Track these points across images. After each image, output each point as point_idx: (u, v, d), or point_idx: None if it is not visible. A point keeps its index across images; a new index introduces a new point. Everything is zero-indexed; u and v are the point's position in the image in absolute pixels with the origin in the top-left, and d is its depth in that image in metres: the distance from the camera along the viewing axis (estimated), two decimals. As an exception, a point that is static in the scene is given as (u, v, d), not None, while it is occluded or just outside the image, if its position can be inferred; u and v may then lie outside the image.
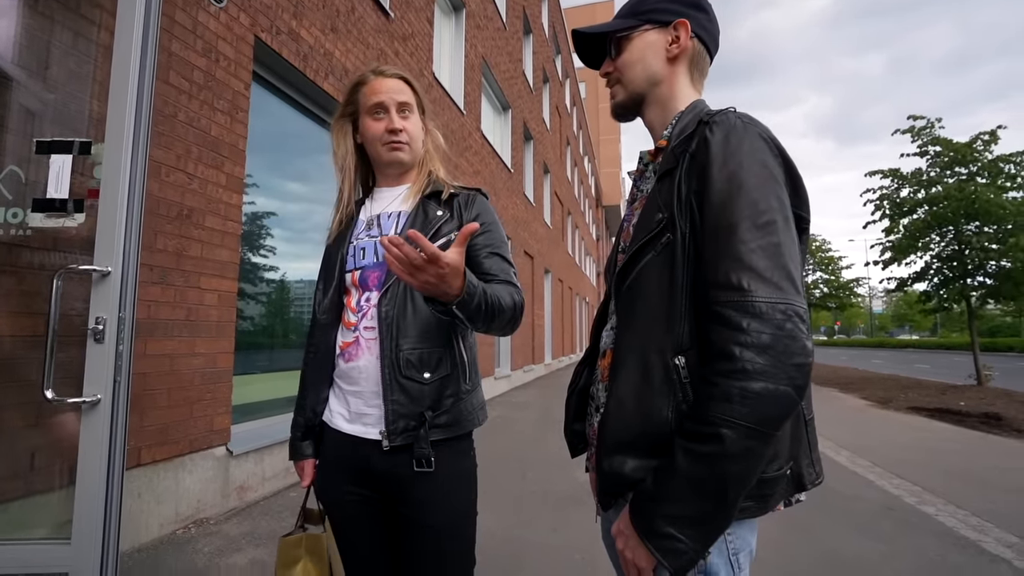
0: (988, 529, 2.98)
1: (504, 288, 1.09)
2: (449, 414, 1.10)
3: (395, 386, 1.07)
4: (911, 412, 7.67)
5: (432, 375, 1.09)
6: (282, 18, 3.78)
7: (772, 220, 0.69)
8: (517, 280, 1.17)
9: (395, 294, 1.12)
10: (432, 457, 1.06)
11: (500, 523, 2.94)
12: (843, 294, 20.37)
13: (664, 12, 0.89)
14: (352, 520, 1.15)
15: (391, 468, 1.08)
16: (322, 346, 1.22)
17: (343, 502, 1.14)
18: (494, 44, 10.00)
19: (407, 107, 1.23)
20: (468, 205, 1.20)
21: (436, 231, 1.14)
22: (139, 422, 2.58)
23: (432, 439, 1.07)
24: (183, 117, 2.89)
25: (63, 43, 2.09)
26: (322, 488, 1.19)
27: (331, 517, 1.17)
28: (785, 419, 0.65)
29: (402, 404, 1.07)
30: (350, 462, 1.13)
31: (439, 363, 1.10)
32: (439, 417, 1.08)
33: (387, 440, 1.07)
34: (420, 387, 1.08)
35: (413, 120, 1.24)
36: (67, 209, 1.62)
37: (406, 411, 1.07)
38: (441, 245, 1.10)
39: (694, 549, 0.66)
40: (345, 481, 1.14)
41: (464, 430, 1.13)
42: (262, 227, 4.10)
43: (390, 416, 1.07)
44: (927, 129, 11.02)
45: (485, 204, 1.24)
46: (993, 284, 10.33)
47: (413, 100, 1.24)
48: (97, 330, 1.48)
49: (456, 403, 1.11)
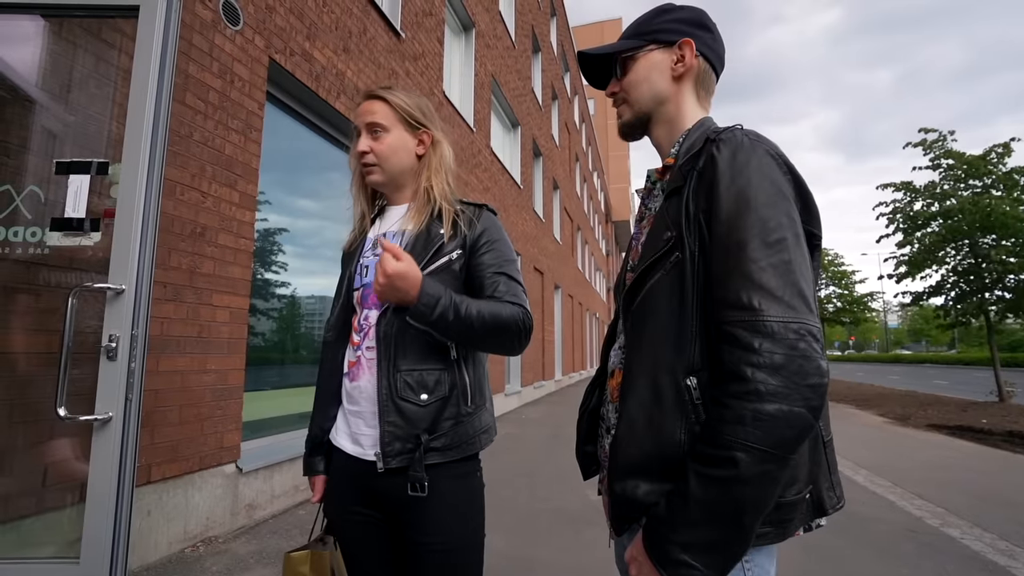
0: (1018, 554, 2.87)
1: (500, 305, 1.07)
2: (447, 437, 1.07)
3: (391, 407, 1.06)
4: (931, 430, 7.49)
5: (430, 397, 1.07)
6: (296, 40, 3.87)
7: (782, 237, 0.68)
8: (524, 299, 1.14)
9: (396, 314, 1.09)
10: (426, 482, 1.03)
11: (510, 542, 2.89)
12: (857, 309, 20.10)
13: (668, 32, 0.90)
14: (358, 539, 1.13)
15: (389, 490, 1.07)
16: (330, 364, 1.21)
17: (349, 522, 1.14)
18: (503, 62, 10.13)
19: (378, 127, 1.18)
20: (474, 222, 1.17)
21: (438, 249, 1.12)
22: (150, 439, 2.59)
23: (430, 462, 1.04)
24: (198, 137, 2.95)
25: (85, 67, 2.14)
26: (329, 506, 1.18)
27: (338, 535, 1.16)
28: (801, 441, 0.63)
29: (398, 426, 1.05)
30: (354, 482, 1.12)
31: (437, 385, 1.08)
32: (435, 440, 1.05)
33: (381, 462, 1.05)
34: (417, 409, 1.06)
35: (387, 139, 1.19)
36: (84, 228, 1.65)
37: (402, 433, 1.05)
38: (443, 264, 1.11)
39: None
40: (351, 501, 1.13)
41: (463, 454, 1.09)
42: (274, 244, 4.14)
43: (385, 438, 1.05)
44: (939, 142, 10.94)
45: (492, 220, 1.20)
46: (1012, 298, 10.13)
47: (389, 117, 1.19)
48: (110, 348, 1.49)
49: (455, 426, 1.08)
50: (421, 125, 1.22)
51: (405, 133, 1.21)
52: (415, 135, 1.22)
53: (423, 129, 1.23)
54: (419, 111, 1.23)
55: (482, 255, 1.14)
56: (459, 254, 1.13)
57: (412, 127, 1.21)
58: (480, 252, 1.14)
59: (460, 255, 1.13)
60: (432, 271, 1.10)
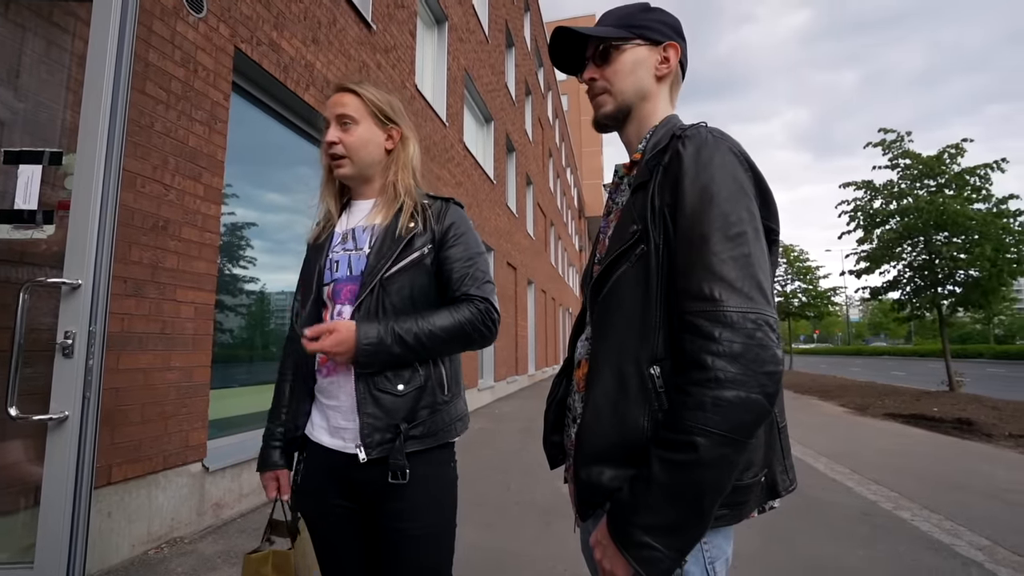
0: (961, 532, 3.04)
1: (452, 312, 1.11)
2: (424, 425, 1.09)
3: (369, 399, 1.08)
4: (887, 418, 7.82)
5: (406, 387, 1.09)
6: (263, 29, 3.77)
7: (742, 232, 0.71)
8: (489, 291, 1.16)
9: (368, 307, 1.11)
10: (407, 469, 1.06)
11: (482, 535, 2.91)
12: (821, 303, 20.79)
13: (657, 32, 0.91)
14: (337, 531, 1.14)
15: (369, 480, 1.08)
16: (301, 360, 1.21)
17: (328, 514, 1.14)
18: (476, 57, 10.08)
19: (347, 119, 1.19)
20: (441, 216, 1.19)
21: (408, 243, 1.14)
22: (110, 439, 2.51)
23: (408, 451, 1.07)
24: (160, 127, 2.85)
25: (35, 51, 2.05)
26: (307, 501, 1.18)
27: (315, 529, 1.17)
28: (757, 426, 0.66)
29: (377, 417, 1.07)
30: (333, 475, 1.13)
31: (413, 375, 1.10)
32: (414, 429, 1.08)
33: (363, 453, 1.07)
34: (394, 399, 1.08)
35: (357, 131, 1.19)
36: (36, 220, 1.59)
37: (381, 424, 1.07)
38: (414, 259, 1.13)
39: (671, 558, 0.66)
40: (330, 493, 1.13)
41: (441, 441, 1.12)
42: (242, 238, 4.04)
43: (365, 430, 1.07)
44: (897, 142, 11.37)
45: (459, 213, 1.22)
46: (962, 292, 10.63)
47: (359, 110, 1.20)
48: (66, 344, 1.44)
49: (432, 414, 1.11)
50: (391, 121, 1.23)
51: (375, 127, 1.21)
52: (384, 130, 1.23)
53: (392, 125, 1.23)
54: (389, 107, 1.23)
55: (449, 248, 1.16)
56: (429, 249, 1.15)
57: (382, 122, 1.22)
58: (448, 246, 1.17)
59: (430, 250, 1.15)
60: (402, 267, 1.12)
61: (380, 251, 1.13)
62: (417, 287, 1.14)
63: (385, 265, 1.12)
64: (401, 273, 1.12)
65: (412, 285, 1.13)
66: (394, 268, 1.12)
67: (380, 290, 1.12)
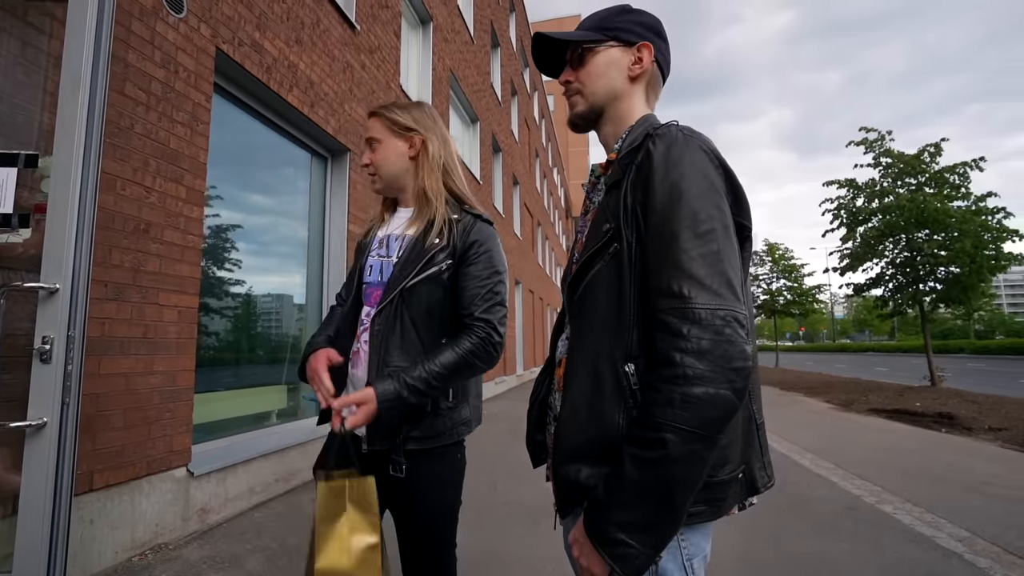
0: (942, 525, 3.10)
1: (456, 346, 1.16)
2: (425, 428, 1.18)
3: None
4: (871, 414, 7.94)
5: None
6: (245, 30, 3.73)
7: (712, 229, 0.71)
8: (497, 314, 1.22)
9: (387, 315, 1.21)
10: (404, 465, 1.16)
11: (469, 536, 2.90)
12: (806, 301, 21.06)
13: (630, 32, 0.92)
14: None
15: (375, 464, 1.18)
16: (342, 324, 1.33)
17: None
18: (462, 57, 10.07)
19: (373, 140, 1.32)
20: (466, 232, 1.25)
21: (429, 259, 1.21)
22: (92, 445, 2.47)
23: (410, 448, 1.17)
24: (140, 129, 2.81)
25: (10, 52, 2.02)
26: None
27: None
28: (726, 422, 0.67)
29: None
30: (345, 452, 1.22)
31: None
32: (415, 430, 1.17)
33: (366, 444, 1.18)
34: None
35: (381, 149, 1.31)
36: (11, 224, 1.56)
37: (386, 422, 1.15)
38: (433, 274, 1.21)
39: (645, 554, 0.67)
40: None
41: (440, 443, 1.20)
42: (226, 241, 4.00)
43: (371, 424, 1.14)
44: (879, 141, 11.56)
45: (484, 231, 1.27)
46: (943, 289, 10.84)
47: (381, 130, 1.31)
48: (44, 350, 1.42)
49: (434, 419, 1.19)
50: (409, 130, 1.31)
51: (396, 140, 1.32)
52: (406, 140, 1.32)
53: (413, 133, 1.31)
54: (409, 118, 1.32)
55: (468, 266, 1.23)
56: (448, 264, 1.22)
57: (401, 134, 1.32)
58: (467, 263, 1.24)
59: (449, 265, 1.23)
60: (422, 280, 1.21)
61: (405, 262, 1.23)
62: (435, 300, 1.22)
63: (407, 276, 1.21)
64: (420, 285, 1.21)
65: (430, 297, 1.21)
66: (414, 280, 1.20)
67: (399, 300, 1.21)
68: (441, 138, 1.34)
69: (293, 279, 4.90)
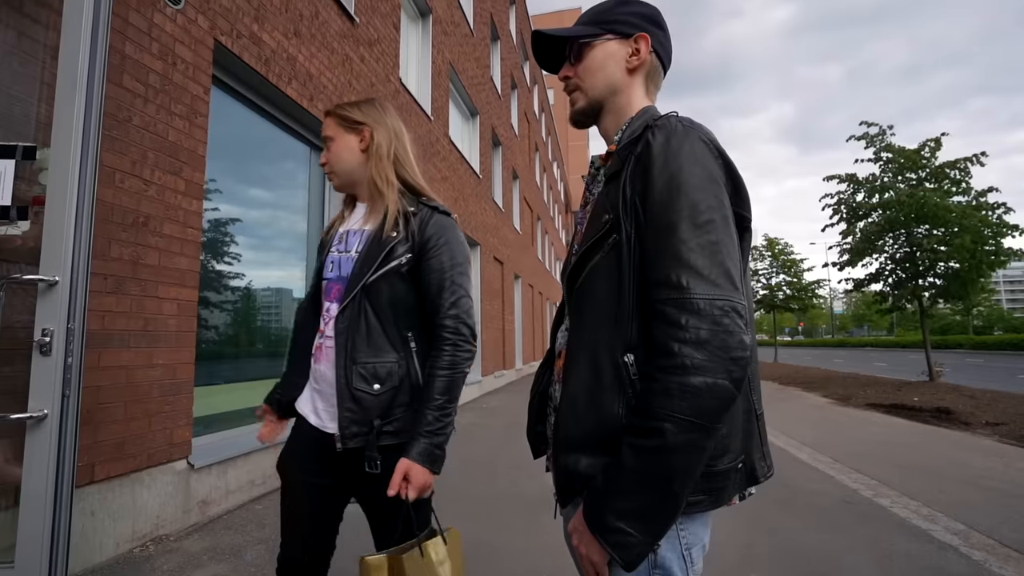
0: (938, 518, 3.12)
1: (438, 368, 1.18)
2: (399, 422, 1.19)
3: (347, 395, 1.18)
4: (869, 408, 7.97)
5: (382, 387, 1.19)
6: (243, 22, 3.71)
7: (711, 219, 0.71)
8: (463, 307, 1.23)
9: (351, 313, 1.21)
10: (379, 460, 1.16)
11: (469, 528, 2.91)
12: (805, 296, 21.07)
13: (626, 24, 0.91)
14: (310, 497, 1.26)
15: (348, 463, 1.20)
16: (302, 341, 1.37)
17: (305, 478, 1.26)
18: (461, 50, 10.02)
19: (327, 139, 1.34)
20: (424, 225, 1.26)
21: (388, 252, 1.23)
22: (92, 437, 2.48)
23: (383, 443, 1.17)
24: (138, 121, 2.80)
25: (6, 43, 2.00)
26: (290, 464, 1.29)
27: (291, 491, 1.29)
28: (724, 411, 0.67)
29: (354, 412, 1.17)
30: (316, 448, 1.24)
31: (389, 376, 1.20)
32: (388, 425, 1.18)
33: (340, 443, 1.18)
34: (371, 398, 1.18)
35: (334, 146, 1.33)
36: (10, 216, 1.56)
37: (358, 418, 1.17)
38: (392, 268, 1.22)
39: (644, 542, 0.67)
40: (307, 464, 1.26)
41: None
42: (225, 234, 3.99)
43: (343, 422, 1.17)
44: (879, 136, 11.52)
45: (442, 223, 1.28)
46: (942, 284, 10.84)
47: (333, 128, 1.33)
48: (43, 342, 1.42)
49: (408, 412, 1.20)
50: (358, 123, 1.32)
51: (348, 136, 1.32)
52: (356, 134, 1.32)
53: (362, 126, 1.32)
54: (357, 112, 1.33)
55: (429, 259, 1.24)
56: (408, 258, 1.24)
57: (351, 128, 1.33)
58: (428, 256, 1.24)
59: (409, 259, 1.24)
60: (382, 274, 1.22)
61: (365, 259, 1.24)
62: (397, 293, 1.23)
63: (368, 272, 1.22)
64: (381, 280, 1.22)
65: (391, 291, 1.23)
66: (375, 276, 1.21)
67: (362, 296, 1.22)
68: (392, 129, 1.34)
69: (293, 273, 4.89)
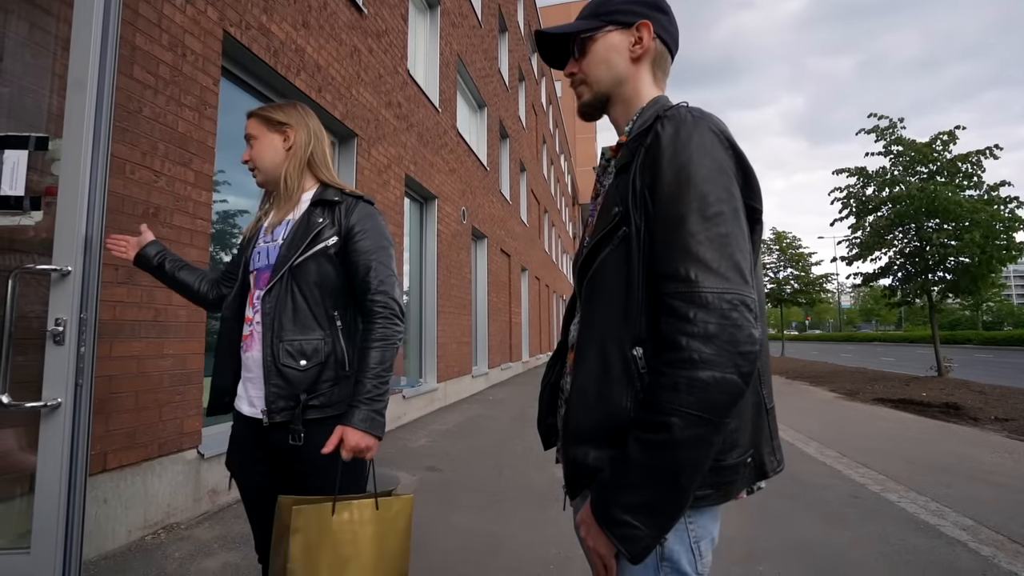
0: (946, 513, 3.11)
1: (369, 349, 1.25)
2: (324, 396, 1.27)
3: (274, 371, 1.25)
4: (877, 403, 7.93)
5: (308, 363, 1.26)
6: (252, 12, 3.71)
7: (720, 212, 0.71)
8: (391, 286, 1.31)
9: (278, 293, 1.29)
10: (302, 433, 1.23)
11: (477, 520, 2.94)
12: (813, 290, 20.93)
13: (626, 13, 0.90)
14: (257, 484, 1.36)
15: (276, 441, 1.27)
16: (228, 338, 1.41)
17: (251, 470, 1.36)
18: (469, 42, 9.96)
19: (251, 138, 1.41)
20: (349, 212, 1.34)
21: (316, 235, 1.31)
22: (105, 426, 2.51)
23: (309, 417, 1.24)
24: (148, 112, 2.81)
25: (18, 34, 2.01)
26: (233, 460, 1.39)
27: (240, 483, 1.38)
28: (733, 406, 0.66)
29: (281, 387, 1.24)
30: (252, 437, 1.32)
31: (315, 352, 1.27)
32: (314, 399, 1.25)
33: (266, 418, 1.25)
34: (297, 373, 1.25)
35: (258, 145, 1.40)
36: (23, 207, 1.57)
37: (285, 393, 1.24)
38: (320, 250, 1.31)
39: (650, 535, 0.67)
40: (249, 454, 1.35)
41: (339, 411, 1.26)
42: (234, 226, 4.01)
43: (270, 397, 1.25)
44: (890, 129, 11.37)
45: (366, 210, 1.36)
46: (952, 279, 10.73)
47: (257, 128, 1.41)
48: (57, 332, 1.44)
49: (333, 387, 1.28)
50: (283, 124, 1.40)
51: (271, 134, 1.40)
52: (280, 133, 1.40)
53: (285, 127, 1.40)
54: (281, 114, 1.42)
55: (356, 242, 1.32)
56: (335, 241, 1.32)
57: (275, 127, 1.40)
58: (354, 239, 1.32)
59: (336, 242, 1.32)
60: (309, 256, 1.30)
61: (292, 242, 1.32)
62: (323, 274, 1.31)
63: (294, 254, 1.29)
64: (308, 261, 1.30)
65: (319, 272, 1.30)
66: (302, 257, 1.29)
67: (289, 276, 1.30)
68: (312, 131, 1.42)
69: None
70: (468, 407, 7.70)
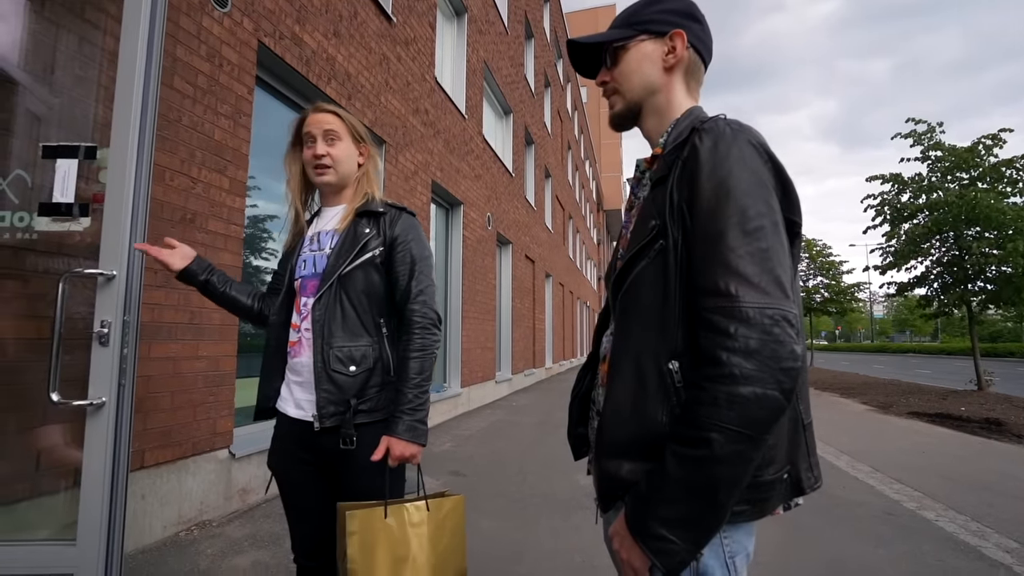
0: (988, 534, 2.98)
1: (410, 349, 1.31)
2: (372, 401, 1.31)
3: (325, 377, 1.29)
4: (911, 417, 7.65)
5: (357, 369, 1.31)
6: (285, 23, 3.81)
7: (760, 226, 0.70)
8: (429, 295, 1.37)
9: (327, 301, 1.33)
10: (354, 437, 1.28)
11: (500, 526, 2.94)
12: (844, 299, 20.35)
13: (660, 23, 0.90)
14: (301, 482, 1.38)
15: (325, 445, 1.31)
16: (275, 343, 1.45)
17: (294, 468, 1.38)
18: (496, 49, 10.04)
19: (333, 134, 1.41)
20: (393, 223, 1.40)
21: (363, 246, 1.36)
22: (142, 425, 2.59)
23: (358, 422, 1.29)
24: (187, 121, 2.91)
25: (68, 48, 2.11)
26: (276, 458, 1.41)
27: (281, 483, 1.40)
28: (774, 422, 0.66)
29: (331, 393, 1.29)
30: (297, 439, 1.35)
31: (363, 358, 1.32)
32: (363, 404, 1.30)
33: (318, 423, 1.28)
34: (346, 379, 1.30)
35: (340, 146, 1.42)
36: (73, 213, 1.64)
37: (335, 399, 1.28)
38: (367, 260, 1.34)
39: (686, 550, 0.67)
40: (294, 454, 1.37)
41: (387, 415, 1.31)
42: (264, 231, 4.12)
43: (321, 402, 1.28)
44: (927, 134, 11.01)
45: (409, 222, 1.42)
46: (994, 289, 10.31)
47: (341, 129, 1.42)
48: (102, 333, 1.49)
49: (380, 392, 1.32)
50: (363, 139, 1.48)
51: (352, 144, 1.45)
52: (359, 147, 1.47)
53: (364, 143, 1.48)
54: (363, 129, 1.49)
55: (399, 252, 1.38)
56: (381, 251, 1.38)
57: (356, 140, 1.46)
58: (397, 249, 1.38)
59: (381, 252, 1.38)
60: (357, 265, 1.35)
61: (340, 252, 1.36)
62: (370, 282, 1.36)
63: (343, 263, 1.34)
64: (356, 270, 1.34)
65: (366, 280, 1.35)
66: (350, 266, 1.34)
67: (338, 284, 1.34)
68: (374, 154, 1.52)
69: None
70: (491, 412, 7.70)
